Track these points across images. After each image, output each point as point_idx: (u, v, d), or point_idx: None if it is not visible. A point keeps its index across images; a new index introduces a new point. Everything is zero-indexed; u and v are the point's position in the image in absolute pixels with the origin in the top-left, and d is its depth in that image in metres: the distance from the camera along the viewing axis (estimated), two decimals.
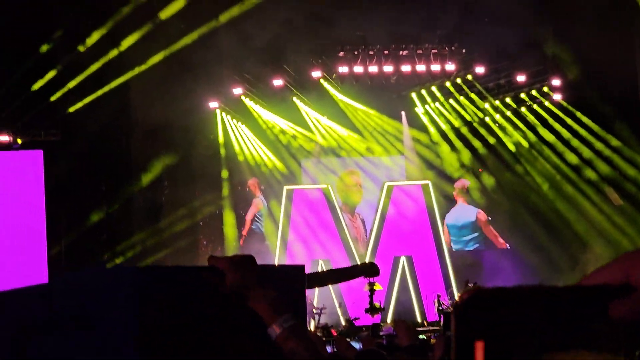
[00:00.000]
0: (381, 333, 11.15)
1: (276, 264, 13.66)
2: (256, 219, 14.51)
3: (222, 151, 14.12)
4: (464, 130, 14.30)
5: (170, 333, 1.86)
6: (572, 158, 14.35)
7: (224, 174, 14.12)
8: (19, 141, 13.50)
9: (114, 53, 13.65)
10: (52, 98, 13.70)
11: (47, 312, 1.99)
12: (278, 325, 1.77)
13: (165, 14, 13.42)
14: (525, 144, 14.44)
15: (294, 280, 2.10)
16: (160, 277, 1.93)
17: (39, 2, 13.67)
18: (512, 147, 14.42)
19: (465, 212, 13.98)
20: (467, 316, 0.87)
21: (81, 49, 13.08)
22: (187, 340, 1.86)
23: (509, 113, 14.37)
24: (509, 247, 14.18)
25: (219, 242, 14.35)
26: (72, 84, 13.36)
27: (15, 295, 1.98)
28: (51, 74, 13.44)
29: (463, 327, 0.88)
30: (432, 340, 10.24)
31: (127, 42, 13.52)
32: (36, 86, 13.55)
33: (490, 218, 14.18)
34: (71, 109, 13.48)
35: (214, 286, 1.83)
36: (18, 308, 2.06)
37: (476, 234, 14.23)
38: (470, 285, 12.59)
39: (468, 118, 14.35)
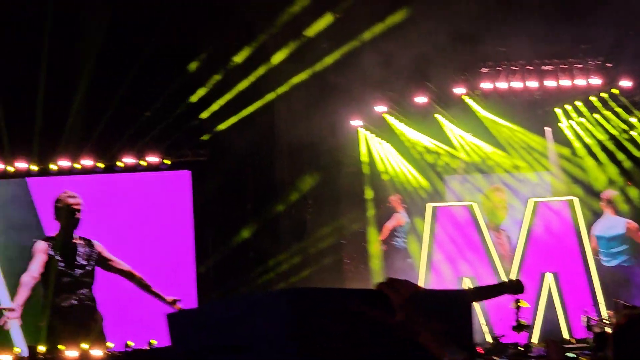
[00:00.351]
0: (530, 354, 11.60)
1: (424, 283, 14.36)
2: (396, 234, 15.10)
3: (366, 169, 14.63)
4: (609, 144, 14.57)
5: (328, 355, 1.95)
6: None
7: (368, 192, 14.58)
8: (167, 162, 14.37)
9: (260, 72, 14.47)
10: (202, 115, 14.73)
11: (209, 335, 2.10)
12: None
13: (311, 31, 14.21)
14: None
15: (459, 307, 2.18)
16: (320, 299, 2.02)
17: (186, 21, 14.67)
18: None
19: (613, 223, 13.80)
20: (626, 341, 0.94)
21: (230, 65, 13.84)
22: None
23: None
24: None
25: (362, 260, 14.78)
26: (219, 103, 14.00)
27: (180, 317, 2.28)
28: (200, 92, 14.29)
29: (622, 351, 0.94)
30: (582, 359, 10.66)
31: (275, 60, 14.34)
32: (184, 107, 14.42)
33: None
34: (219, 128, 14.43)
35: (379, 315, 1.90)
36: (184, 330, 2.18)
37: (626, 247, 14.46)
38: (620, 302, 12.91)
39: (613, 132, 14.59)
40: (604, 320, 12.19)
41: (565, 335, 13.48)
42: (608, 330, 11.18)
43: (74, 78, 13.75)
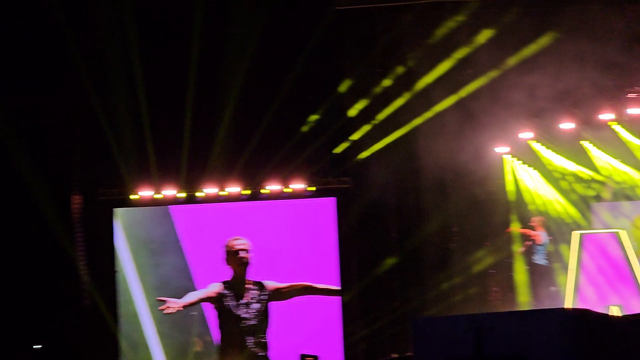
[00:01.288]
0: None
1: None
2: (534, 251, 16.18)
3: (512, 197, 15.92)
4: None
5: None
6: None
7: (514, 224, 15.83)
8: (312, 189, 15.65)
9: (403, 100, 16.17)
10: (339, 149, 15.51)
11: (474, 346, 2.54)
12: None
13: (458, 55, 15.84)
14: None
15: None
16: (600, 321, 2.41)
17: (331, 49, 16.46)
18: None
19: None
20: None
21: (377, 89, 15.32)
22: None
23: None
24: None
25: (508, 289, 15.87)
26: (362, 131, 15.40)
27: (444, 323, 2.74)
28: (354, 110, 15.32)
29: None
30: None
31: (419, 87, 16.04)
32: (329, 134, 16.14)
33: None
34: (362, 156, 15.57)
35: None
36: (446, 336, 2.63)
37: None
38: None
39: None
40: None
41: None
42: None
43: (219, 106, 14.89)
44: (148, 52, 14.69)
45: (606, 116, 15.55)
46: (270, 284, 9.56)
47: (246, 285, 9.28)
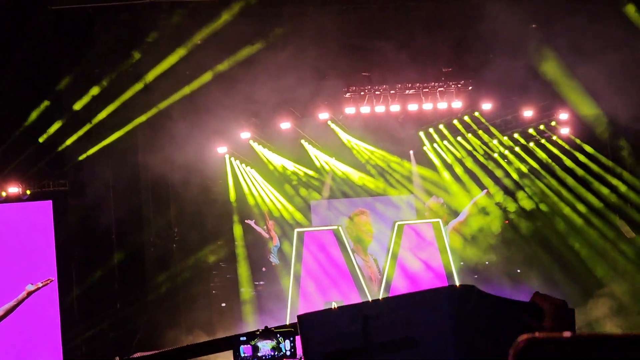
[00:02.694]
0: None
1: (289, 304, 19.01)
2: (271, 251, 18.30)
3: (232, 196, 18.13)
4: (472, 166, 18.47)
5: (481, 352, 2.73)
6: (584, 192, 19.54)
7: (235, 219, 18.18)
8: (28, 192, 17.49)
9: (122, 100, 18.68)
10: (60, 148, 17.38)
11: (361, 335, 2.89)
12: None
13: (178, 54, 18.39)
14: (534, 179, 18.56)
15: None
16: (476, 299, 2.82)
17: (46, 52, 18.67)
18: (519, 180, 18.44)
19: None
20: None
21: (94, 91, 17.20)
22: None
23: (517, 149, 18.57)
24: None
25: (233, 288, 18.27)
26: (80, 132, 17.24)
27: (327, 316, 3.03)
28: (57, 124, 17.19)
29: None
30: None
31: (139, 86, 18.53)
32: (42, 138, 17.11)
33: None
34: (80, 158, 17.32)
35: (527, 322, 2.74)
36: (332, 329, 2.97)
37: None
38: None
39: (477, 155, 18.42)
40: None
41: None
42: None
43: None
44: None
45: (323, 115, 18.01)
46: None
47: None
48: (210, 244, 17.79)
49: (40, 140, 17.50)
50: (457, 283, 18.16)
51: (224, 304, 17.90)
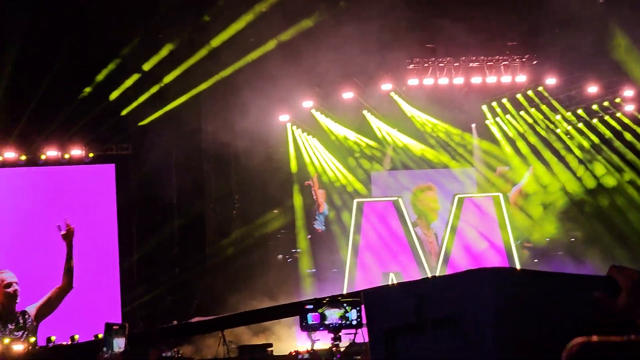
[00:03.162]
0: None
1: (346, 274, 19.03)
2: (317, 218, 18.45)
3: (294, 165, 18.27)
4: (535, 141, 18.43)
5: (527, 334, 2.75)
6: None
7: (296, 188, 18.39)
8: (91, 155, 17.63)
9: (186, 65, 18.83)
10: (124, 112, 17.62)
11: (414, 313, 2.98)
12: None
13: (244, 21, 18.40)
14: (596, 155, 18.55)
15: None
16: (521, 281, 2.88)
17: (113, 16, 18.76)
18: (581, 156, 18.42)
19: None
20: None
21: (163, 53, 17.14)
22: (544, 341, 2.68)
23: (580, 125, 18.53)
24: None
25: (290, 255, 18.38)
26: (144, 96, 17.46)
27: (387, 292, 3.19)
28: (125, 85, 17.33)
29: None
30: None
31: (202, 53, 18.07)
32: (112, 96, 17.32)
33: None
34: (144, 122, 17.58)
35: (598, 299, 2.56)
36: (391, 306, 3.08)
37: None
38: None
39: (539, 130, 18.38)
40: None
41: None
42: None
43: None
44: None
45: (386, 86, 18.04)
46: (32, 309, 11.26)
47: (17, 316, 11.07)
48: (270, 212, 17.89)
49: (111, 97, 17.83)
50: (517, 259, 18.08)
51: (281, 269, 17.96)
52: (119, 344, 9.05)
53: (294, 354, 11.27)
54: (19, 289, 11.41)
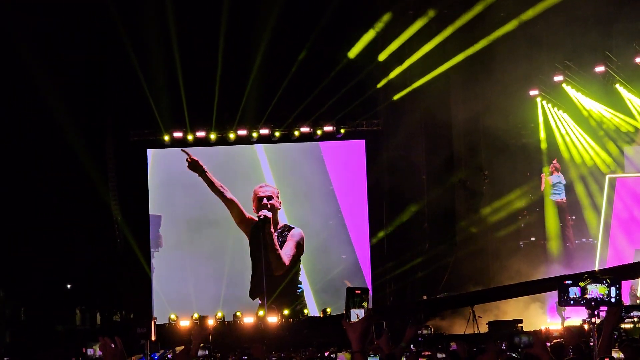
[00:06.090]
0: None
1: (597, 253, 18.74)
2: (555, 190, 18.41)
3: (543, 142, 18.36)
4: None
5: None
6: None
7: (544, 162, 18.36)
8: (342, 131, 18.32)
9: (434, 43, 19.07)
10: (379, 85, 18.16)
11: None
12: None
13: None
14: None
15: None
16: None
17: None
18: None
19: None
20: None
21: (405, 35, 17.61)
22: None
23: None
24: None
25: (538, 232, 18.60)
26: (394, 73, 17.86)
27: None
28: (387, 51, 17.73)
29: None
30: None
31: (450, 30, 18.80)
32: (360, 77, 17.95)
33: None
34: (395, 97, 18.09)
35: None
36: None
37: None
38: None
39: None
40: None
41: None
42: None
43: (251, 49, 17.45)
44: None
45: None
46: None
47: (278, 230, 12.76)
48: (519, 188, 17.95)
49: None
50: None
51: (531, 250, 18.02)
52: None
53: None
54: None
